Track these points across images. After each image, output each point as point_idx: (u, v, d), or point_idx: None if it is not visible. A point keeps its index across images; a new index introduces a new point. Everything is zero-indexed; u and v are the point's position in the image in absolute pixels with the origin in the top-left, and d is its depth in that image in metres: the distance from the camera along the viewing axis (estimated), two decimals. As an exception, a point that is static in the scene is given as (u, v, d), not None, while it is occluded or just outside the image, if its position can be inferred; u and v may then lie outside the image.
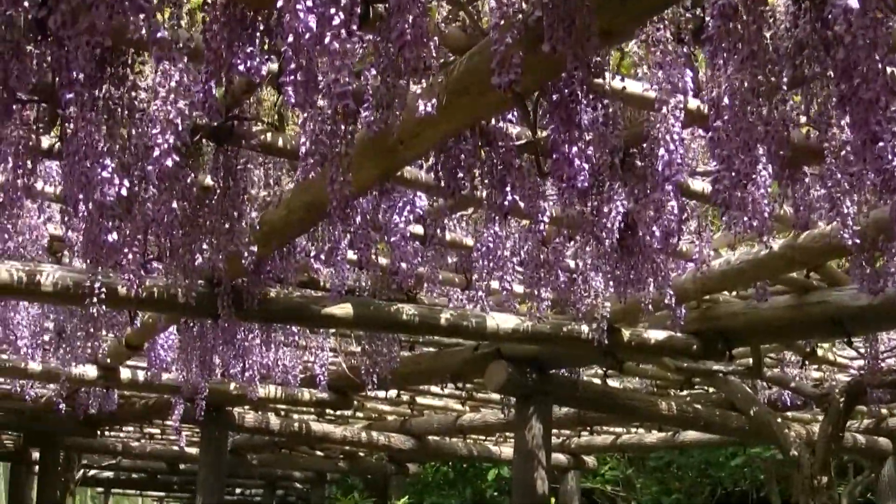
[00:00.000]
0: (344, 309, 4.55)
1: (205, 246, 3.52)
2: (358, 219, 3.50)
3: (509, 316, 5.04)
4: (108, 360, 6.41)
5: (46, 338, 6.39)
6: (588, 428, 9.97)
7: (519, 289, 5.16)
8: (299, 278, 4.52)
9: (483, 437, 11.21)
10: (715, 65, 2.32)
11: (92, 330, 5.29)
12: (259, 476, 15.99)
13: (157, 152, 2.48)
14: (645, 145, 3.01)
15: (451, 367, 6.54)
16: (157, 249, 3.99)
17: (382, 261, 4.68)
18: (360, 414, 10.29)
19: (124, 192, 2.65)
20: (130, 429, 12.52)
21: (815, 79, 2.41)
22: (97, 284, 3.39)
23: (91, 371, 6.49)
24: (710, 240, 3.94)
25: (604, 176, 3.10)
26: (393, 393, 8.69)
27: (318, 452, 13.17)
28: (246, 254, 3.50)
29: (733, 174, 2.40)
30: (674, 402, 7.51)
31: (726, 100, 2.31)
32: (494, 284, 4.69)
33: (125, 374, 6.66)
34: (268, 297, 4.35)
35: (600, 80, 2.71)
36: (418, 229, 4.20)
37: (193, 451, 12.27)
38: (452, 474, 15.27)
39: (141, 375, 6.67)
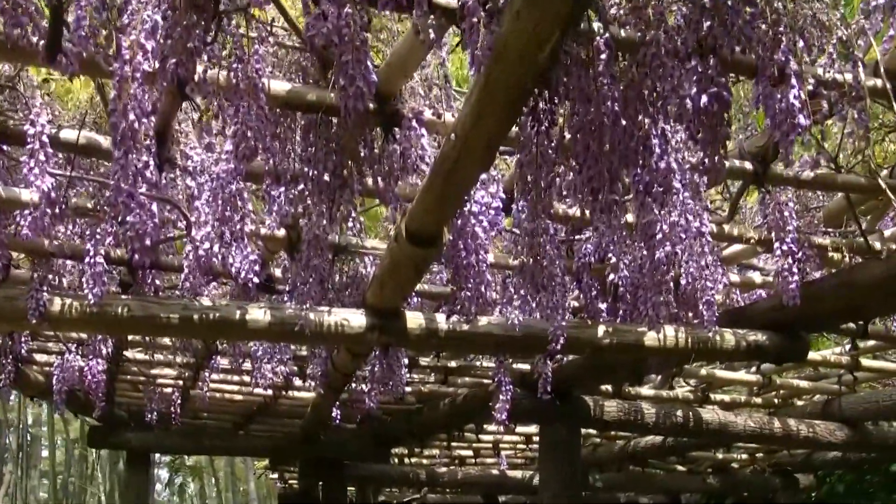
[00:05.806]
0: None
1: None
2: None
3: None
4: (381, 296, 3.51)
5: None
6: None
7: None
8: None
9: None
10: None
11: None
12: (602, 504, 12.66)
13: None
14: None
15: None
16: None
17: None
18: (756, 400, 7.07)
19: None
20: (436, 452, 9.75)
21: None
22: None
23: (356, 319, 3.60)
24: None
25: None
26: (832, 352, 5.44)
27: (679, 467, 9.94)
28: None
29: None
30: None
31: None
32: None
33: (413, 319, 3.72)
34: None
35: None
36: None
37: (518, 474, 9.40)
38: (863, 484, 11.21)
39: (442, 321, 3.72)
